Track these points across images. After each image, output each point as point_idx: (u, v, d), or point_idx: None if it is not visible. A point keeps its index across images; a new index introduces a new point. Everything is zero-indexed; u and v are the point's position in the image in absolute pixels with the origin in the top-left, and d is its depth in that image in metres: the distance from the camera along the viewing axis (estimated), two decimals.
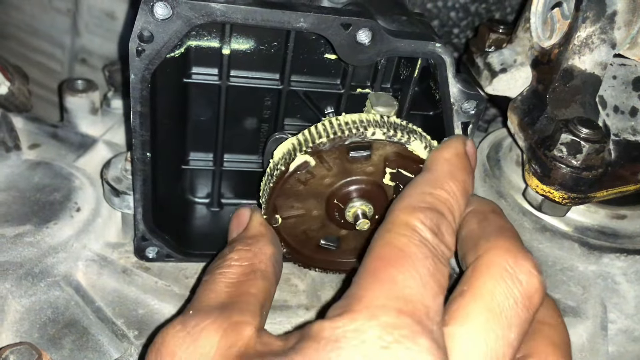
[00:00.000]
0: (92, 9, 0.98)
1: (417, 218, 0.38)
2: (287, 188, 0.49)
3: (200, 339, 0.37)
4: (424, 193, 0.40)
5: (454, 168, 0.42)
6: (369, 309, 0.33)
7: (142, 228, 0.55)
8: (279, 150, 0.50)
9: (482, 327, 0.35)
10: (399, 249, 0.36)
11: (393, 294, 0.34)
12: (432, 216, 0.38)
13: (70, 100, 0.75)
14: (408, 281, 0.34)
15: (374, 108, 0.52)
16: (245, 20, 0.44)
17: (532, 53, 0.62)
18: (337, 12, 0.46)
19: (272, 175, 0.50)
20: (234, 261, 0.44)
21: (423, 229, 0.37)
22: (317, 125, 0.48)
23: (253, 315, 0.39)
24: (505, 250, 0.38)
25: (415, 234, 0.37)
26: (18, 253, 0.56)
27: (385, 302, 0.33)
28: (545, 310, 0.41)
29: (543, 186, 0.55)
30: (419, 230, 0.37)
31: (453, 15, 0.90)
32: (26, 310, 0.54)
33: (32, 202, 0.61)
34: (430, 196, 0.40)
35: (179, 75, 0.53)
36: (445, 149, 0.44)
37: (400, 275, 0.35)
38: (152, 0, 0.43)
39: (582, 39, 0.55)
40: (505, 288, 0.36)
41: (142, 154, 0.51)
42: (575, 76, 0.56)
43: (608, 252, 0.62)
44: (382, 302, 0.33)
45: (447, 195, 0.40)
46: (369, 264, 0.37)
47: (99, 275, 0.59)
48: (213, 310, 0.39)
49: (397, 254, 0.36)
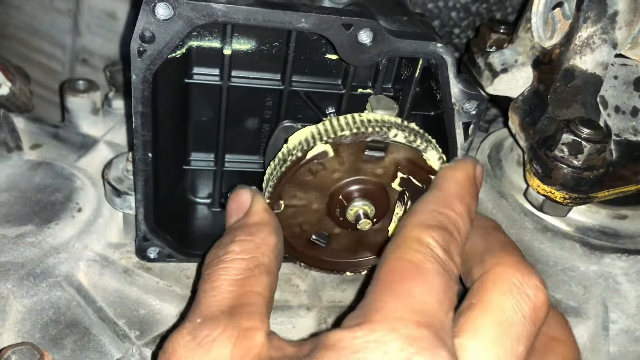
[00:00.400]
0: (93, 9, 0.98)
1: (430, 235, 0.38)
2: (298, 176, 0.49)
3: (212, 350, 0.37)
4: (435, 211, 0.41)
5: (463, 191, 0.43)
6: (388, 321, 0.34)
7: (144, 228, 0.55)
8: (295, 137, 0.49)
9: (493, 340, 0.36)
10: (414, 264, 0.37)
11: (410, 307, 0.34)
12: (443, 235, 0.39)
13: (72, 100, 0.76)
14: (424, 296, 0.35)
15: (375, 111, 0.52)
16: (247, 21, 0.44)
17: (533, 53, 0.62)
18: (339, 13, 0.46)
19: (284, 160, 0.49)
20: (236, 254, 0.43)
21: (436, 247, 0.38)
22: (340, 118, 0.48)
23: (262, 318, 0.39)
24: (512, 265, 0.39)
25: (429, 251, 0.38)
26: (19, 253, 0.56)
27: (404, 315, 0.34)
28: (556, 326, 0.42)
29: (544, 186, 0.55)
30: (432, 248, 0.38)
31: (454, 15, 0.90)
32: (28, 311, 0.54)
33: (33, 203, 0.62)
34: (440, 215, 0.40)
35: (180, 76, 0.53)
36: (458, 170, 0.44)
37: (417, 289, 0.35)
38: (154, 1, 0.43)
39: (584, 39, 0.55)
40: (514, 302, 0.37)
41: (144, 154, 0.51)
42: (577, 76, 0.56)
43: (609, 252, 0.62)
44: (401, 315, 0.34)
45: (456, 216, 0.41)
46: (384, 276, 0.37)
47: (100, 276, 0.59)
48: (221, 318, 0.39)
49: (412, 269, 0.37)
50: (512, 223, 0.67)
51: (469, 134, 0.54)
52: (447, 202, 0.42)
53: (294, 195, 0.51)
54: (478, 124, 0.54)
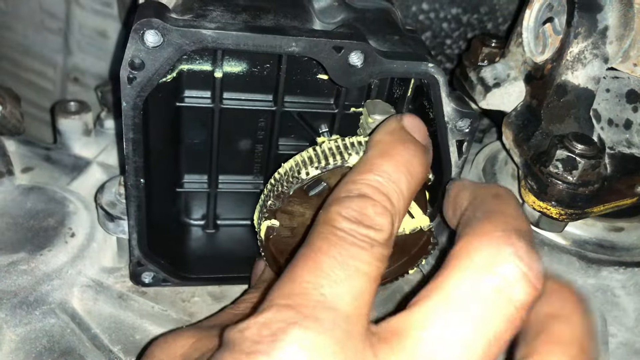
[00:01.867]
0: (83, 28, 0.98)
1: (334, 211, 0.36)
2: (275, 246, 0.51)
3: None
4: (347, 183, 0.38)
5: (386, 146, 0.40)
6: (269, 308, 0.32)
7: (138, 254, 0.55)
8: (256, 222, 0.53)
9: (440, 329, 0.32)
10: (310, 247, 0.35)
11: (284, 292, 0.33)
12: (352, 204, 0.36)
13: (63, 122, 0.75)
14: (306, 276, 0.33)
15: (371, 116, 0.52)
16: (237, 46, 0.44)
17: (525, 68, 0.62)
18: (329, 35, 0.46)
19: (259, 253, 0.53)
20: None
21: (337, 219, 0.36)
22: (265, 188, 0.50)
23: None
24: (485, 235, 0.34)
25: (328, 227, 0.35)
26: (12, 282, 0.56)
27: (276, 301, 0.32)
28: (558, 301, 0.36)
29: (540, 203, 0.54)
30: (334, 222, 0.35)
31: (445, 27, 0.90)
32: (21, 340, 0.54)
33: (25, 229, 0.61)
34: (353, 184, 0.38)
35: (171, 99, 0.53)
36: (376, 132, 0.43)
37: (299, 270, 0.34)
38: (143, 28, 0.42)
39: (575, 54, 0.55)
40: (472, 284, 0.32)
41: (136, 180, 0.50)
42: (569, 91, 0.56)
43: (607, 265, 0.62)
44: (273, 302, 0.33)
45: (374, 175, 0.38)
46: (288, 268, 0.35)
47: (94, 301, 0.58)
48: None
49: (307, 252, 0.35)
50: None
51: (463, 152, 0.54)
52: (365, 166, 0.39)
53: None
54: (472, 141, 0.53)
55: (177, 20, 0.44)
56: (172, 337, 0.44)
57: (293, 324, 0.31)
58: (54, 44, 1.01)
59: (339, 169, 0.46)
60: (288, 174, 0.48)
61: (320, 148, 0.47)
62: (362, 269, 0.34)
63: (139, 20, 0.42)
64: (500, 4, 0.88)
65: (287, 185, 0.47)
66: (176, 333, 0.45)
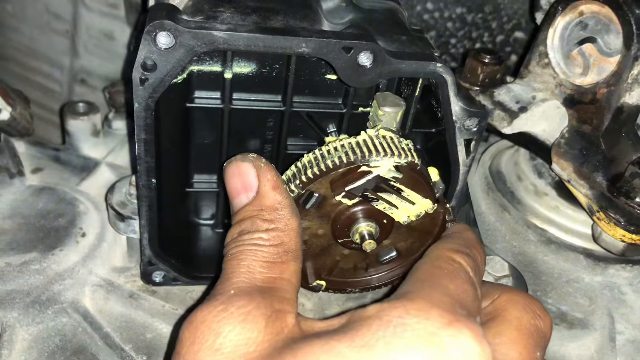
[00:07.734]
0: (90, 30, 0.98)
1: (462, 257, 0.43)
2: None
3: (247, 321, 0.36)
4: (463, 244, 0.46)
5: (474, 243, 0.49)
6: (425, 299, 0.36)
7: (149, 253, 0.55)
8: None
9: (514, 341, 0.40)
10: (449, 270, 0.41)
11: (446, 293, 0.38)
12: (472, 262, 0.44)
13: (72, 123, 0.76)
14: (457, 290, 0.39)
15: (381, 108, 0.52)
16: (248, 47, 0.44)
17: (562, 91, 0.61)
18: (338, 36, 0.46)
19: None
20: (264, 240, 0.42)
21: (465, 266, 0.43)
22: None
23: (292, 304, 0.40)
24: (518, 292, 0.45)
25: (460, 266, 0.42)
26: (24, 281, 0.56)
27: (441, 297, 0.37)
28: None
29: (631, 235, 0.55)
30: (463, 266, 0.43)
31: (450, 26, 0.91)
32: (34, 339, 0.54)
33: (37, 229, 0.62)
34: (467, 249, 0.46)
35: (181, 100, 0.53)
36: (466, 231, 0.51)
37: (451, 285, 0.39)
38: (155, 30, 0.43)
39: (635, 76, 0.55)
40: (530, 317, 0.42)
41: (147, 180, 0.51)
42: (624, 111, 0.56)
43: (613, 262, 0.63)
44: (438, 297, 0.37)
45: (479, 256, 0.46)
46: (418, 275, 0.41)
47: (106, 301, 0.59)
48: (255, 294, 0.38)
49: (446, 273, 0.41)
50: (515, 235, 0.67)
51: (471, 151, 0.54)
52: (470, 244, 0.47)
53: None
54: (480, 140, 0.54)
55: (189, 22, 0.44)
56: (235, 313, 0.37)
57: (471, 320, 0.36)
58: (61, 45, 1.02)
59: (317, 183, 0.47)
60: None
61: (300, 162, 0.49)
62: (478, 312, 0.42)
63: (151, 22, 0.42)
64: (505, 3, 0.88)
65: None
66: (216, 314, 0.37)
